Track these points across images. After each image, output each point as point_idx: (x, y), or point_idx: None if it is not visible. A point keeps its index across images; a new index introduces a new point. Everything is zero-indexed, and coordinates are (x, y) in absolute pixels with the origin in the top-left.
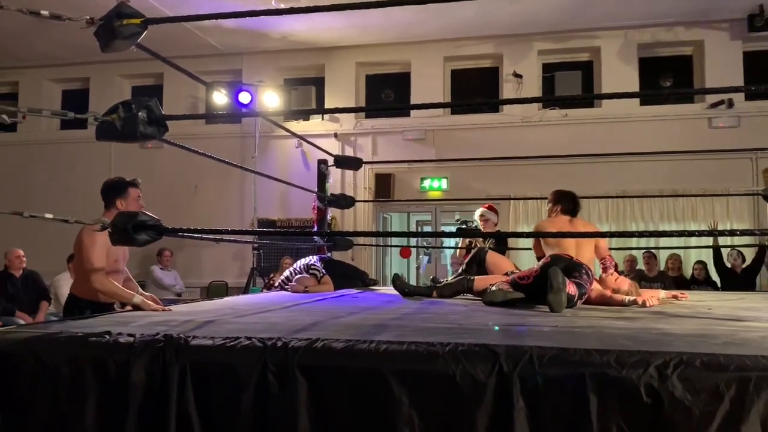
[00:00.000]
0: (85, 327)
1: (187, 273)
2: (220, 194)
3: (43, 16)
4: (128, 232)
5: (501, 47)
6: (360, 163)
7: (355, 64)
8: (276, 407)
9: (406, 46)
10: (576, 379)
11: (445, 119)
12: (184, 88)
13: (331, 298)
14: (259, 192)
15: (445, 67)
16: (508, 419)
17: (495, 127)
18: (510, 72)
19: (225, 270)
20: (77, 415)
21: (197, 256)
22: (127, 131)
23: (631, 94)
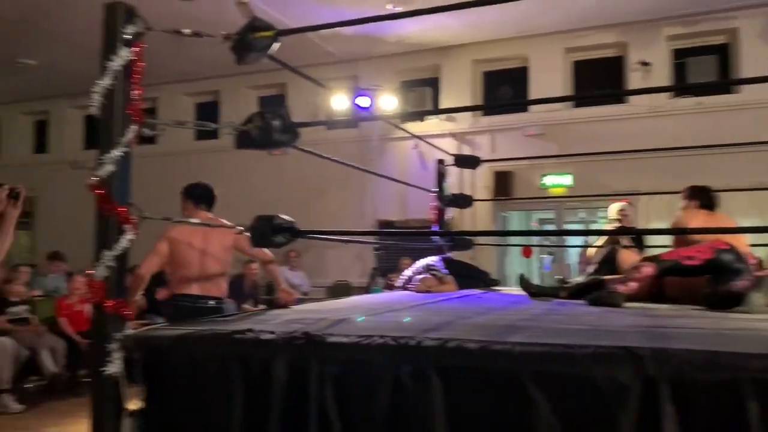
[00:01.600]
0: (228, 325)
1: (313, 273)
2: (341, 197)
3: (185, 34)
4: (267, 234)
5: (625, 35)
6: (478, 161)
7: (471, 61)
8: (411, 406)
9: (524, 40)
10: (734, 386)
11: (566, 113)
12: (305, 97)
13: (455, 298)
14: (378, 194)
15: (565, 59)
16: (655, 426)
17: (621, 118)
18: (636, 60)
19: (348, 270)
20: (224, 410)
21: (322, 257)
22: (262, 139)
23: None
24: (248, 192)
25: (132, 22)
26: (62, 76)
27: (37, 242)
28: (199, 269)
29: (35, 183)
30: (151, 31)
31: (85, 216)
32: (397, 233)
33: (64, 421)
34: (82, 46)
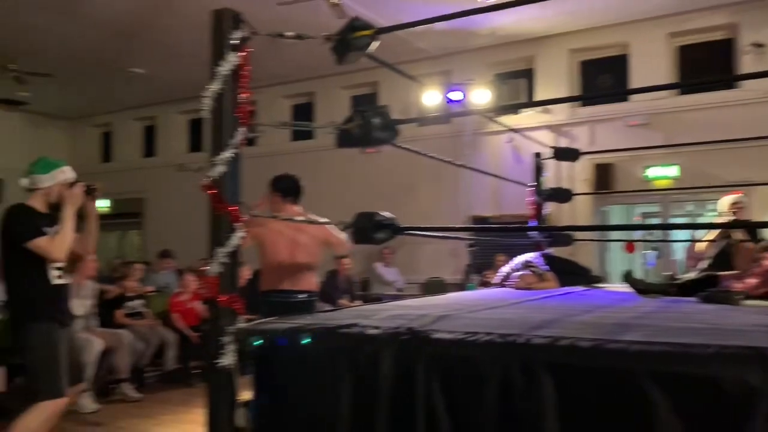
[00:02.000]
0: (331, 319)
1: (406, 270)
2: (433, 194)
3: (288, 37)
4: (368, 231)
5: (736, 15)
6: (578, 153)
7: (567, 51)
8: (520, 404)
9: (624, 26)
10: None
11: (671, 101)
12: (397, 95)
13: (558, 295)
14: (471, 190)
15: (669, 44)
16: None
17: (732, 105)
18: (749, 42)
19: (441, 267)
20: (334, 402)
21: (415, 254)
22: (363, 137)
23: None
24: (341, 190)
25: (238, 27)
26: (169, 83)
27: (146, 241)
28: (289, 264)
29: (144, 185)
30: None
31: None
32: (496, 229)
33: (178, 410)
34: (186, 54)
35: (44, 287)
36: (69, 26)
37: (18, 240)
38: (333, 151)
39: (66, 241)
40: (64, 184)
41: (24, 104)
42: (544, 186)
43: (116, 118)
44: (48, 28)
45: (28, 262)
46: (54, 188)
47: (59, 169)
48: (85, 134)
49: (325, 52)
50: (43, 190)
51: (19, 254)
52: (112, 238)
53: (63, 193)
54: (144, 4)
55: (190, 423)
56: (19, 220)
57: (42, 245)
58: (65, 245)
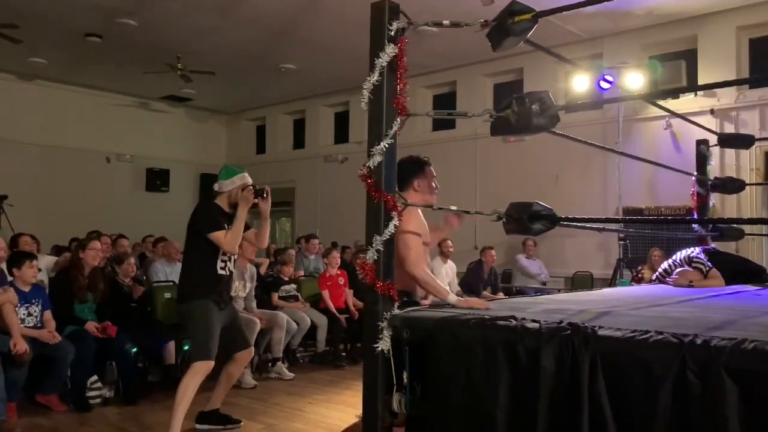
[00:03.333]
0: (485, 311)
1: (550, 263)
2: (581, 183)
3: (445, 25)
4: (524, 221)
5: None
6: (751, 140)
7: (735, 28)
8: (698, 409)
9: None
10: None
11: None
12: (544, 81)
13: (727, 294)
14: (623, 179)
15: None
16: None
17: None
18: None
19: (589, 261)
20: (491, 393)
21: (560, 246)
22: (521, 124)
23: None
24: (482, 180)
25: (396, 18)
26: (316, 78)
27: (296, 227)
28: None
29: (294, 175)
30: (409, 27)
31: (337, 203)
32: (657, 221)
33: (328, 390)
34: (333, 50)
35: (210, 274)
36: (228, 26)
37: (203, 230)
38: (473, 140)
39: (237, 236)
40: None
41: (188, 100)
42: (709, 175)
43: (269, 111)
44: (209, 28)
45: (204, 251)
46: (234, 191)
47: (238, 175)
48: (241, 127)
49: (468, 41)
50: (226, 192)
51: (199, 243)
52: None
53: (237, 195)
54: (295, 3)
55: (341, 404)
56: (205, 214)
57: (219, 237)
58: (236, 239)
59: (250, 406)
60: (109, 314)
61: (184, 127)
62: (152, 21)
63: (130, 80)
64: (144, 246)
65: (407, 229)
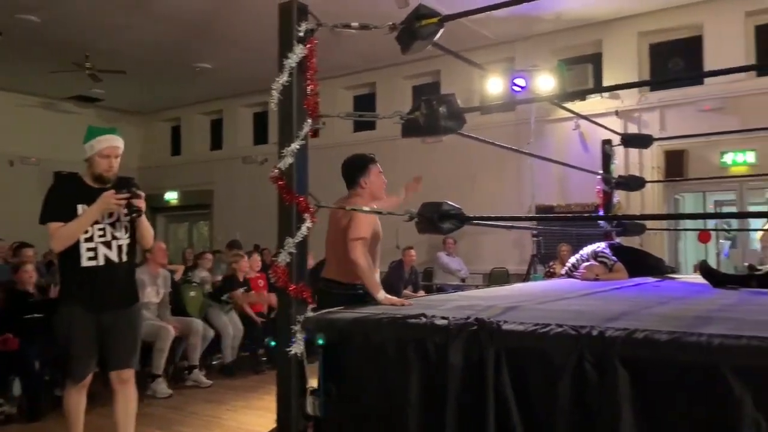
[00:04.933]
0: (398, 310)
1: (470, 260)
2: (497, 183)
3: (354, 27)
4: (434, 221)
5: None
6: (650, 140)
7: (637, 34)
8: (595, 398)
9: (697, 6)
10: None
11: (750, 83)
12: (460, 83)
13: (629, 286)
14: (536, 178)
15: (746, 24)
16: None
17: None
18: None
19: (505, 257)
20: (403, 391)
21: (478, 244)
22: (429, 126)
23: None
24: (403, 180)
25: (305, 19)
26: (234, 77)
27: (215, 231)
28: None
29: (212, 177)
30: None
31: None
32: (563, 218)
33: (249, 396)
34: (251, 49)
35: (73, 270)
36: (140, 24)
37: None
38: (395, 141)
39: (70, 235)
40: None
41: (98, 100)
42: (613, 174)
43: (184, 112)
44: (120, 26)
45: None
46: (94, 159)
47: (98, 138)
48: (155, 128)
49: (387, 42)
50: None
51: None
52: (181, 229)
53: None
54: (210, 0)
55: (261, 409)
56: (45, 199)
57: (50, 230)
58: (68, 238)
59: (165, 416)
60: (9, 326)
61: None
62: (57, 17)
63: (34, 79)
64: (52, 253)
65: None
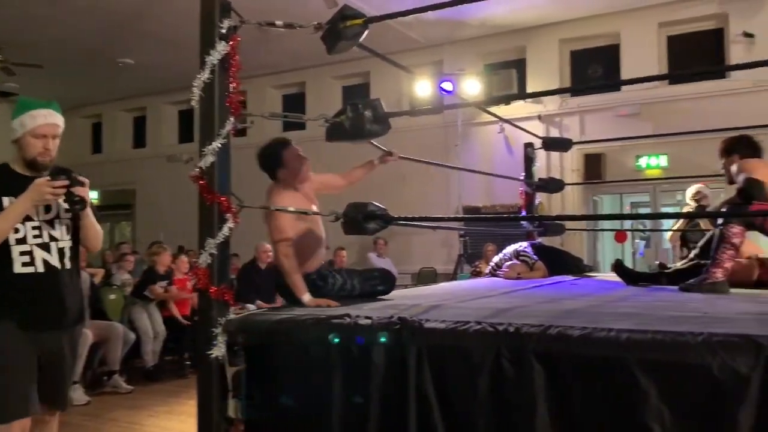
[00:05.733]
0: (325, 310)
1: (399, 260)
2: (425, 184)
3: (278, 26)
4: (359, 221)
5: (726, 5)
6: (569, 143)
7: (558, 41)
8: (512, 392)
9: (615, 16)
10: None
11: (662, 90)
12: (389, 85)
13: (548, 284)
14: (463, 180)
15: (659, 34)
16: None
17: (721, 95)
18: (738, 32)
19: (433, 257)
20: (326, 391)
21: (407, 244)
22: (354, 130)
23: None
24: None
25: (227, 16)
26: (158, 73)
27: (137, 232)
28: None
29: (135, 176)
30: (241, 25)
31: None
32: (485, 219)
33: (171, 401)
34: (175, 44)
35: (5, 279)
36: (58, 16)
37: None
38: (323, 141)
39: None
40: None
41: (12, 95)
42: (535, 176)
43: (105, 108)
44: (38, 17)
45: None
46: (23, 140)
47: (28, 114)
48: (75, 125)
49: (316, 42)
50: (16, 143)
51: None
52: (102, 230)
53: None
54: None
55: (184, 414)
56: None
57: None
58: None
59: (82, 424)
60: None
61: (8, 125)
62: None
63: None
64: None
65: (280, 217)
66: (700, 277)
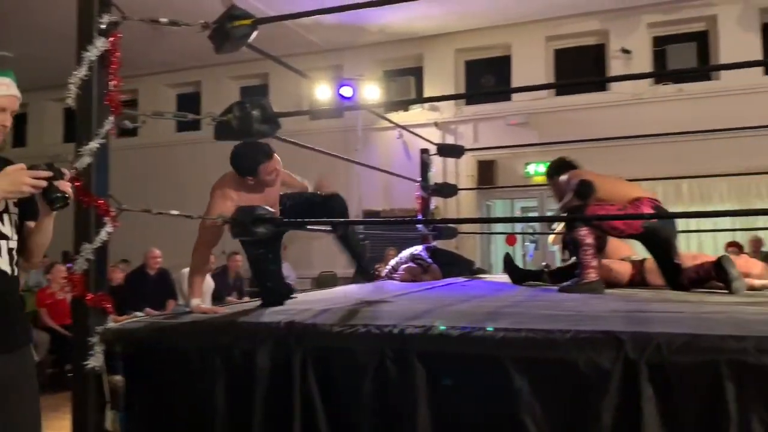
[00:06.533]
0: (206, 318)
1: (299, 265)
2: None
3: (162, 23)
4: (248, 225)
5: (607, 23)
6: (462, 150)
7: (454, 50)
8: (395, 393)
9: (506, 28)
10: (710, 367)
11: (549, 101)
12: (288, 87)
13: (440, 286)
14: (363, 184)
15: (547, 47)
16: (636, 409)
17: (603, 106)
18: (617, 48)
19: (334, 261)
20: (208, 400)
21: (307, 248)
22: (242, 129)
23: (754, 63)
24: None
25: (107, 11)
26: (40, 68)
27: None
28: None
29: None
30: (130, 21)
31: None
32: (381, 222)
33: (49, 415)
34: (59, 38)
35: None
36: None
37: None
38: (221, 143)
39: None
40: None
41: None
42: (430, 181)
43: None
44: None
45: None
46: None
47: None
48: None
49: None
50: None
51: None
52: None
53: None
54: None
55: (62, 429)
56: None
57: None
58: None
59: None
60: None
61: None
62: None
63: None
64: None
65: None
66: (575, 279)
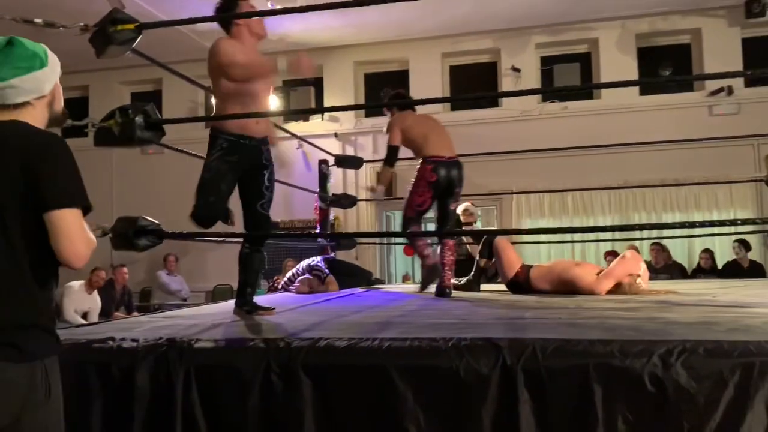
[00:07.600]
0: (89, 333)
1: (192, 277)
2: None
3: (37, 24)
4: (129, 237)
5: (499, 41)
6: (361, 162)
7: (354, 63)
8: (281, 407)
9: (404, 43)
10: (580, 370)
11: (444, 115)
12: (183, 93)
13: (337, 297)
14: None
15: (443, 63)
16: (513, 412)
17: (495, 122)
18: (508, 66)
19: (230, 273)
20: (83, 421)
21: (202, 260)
22: (124, 136)
23: (629, 83)
24: (118, 192)
25: None
26: None
27: None
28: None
29: None
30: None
31: None
32: (278, 235)
33: None
34: None
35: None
36: None
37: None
38: (111, 150)
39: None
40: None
41: None
42: (329, 192)
43: None
44: None
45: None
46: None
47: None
48: None
49: None
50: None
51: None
52: None
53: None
54: None
55: None
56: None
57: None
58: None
59: None
60: None
61: None
62: None
63: None
64: None
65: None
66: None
